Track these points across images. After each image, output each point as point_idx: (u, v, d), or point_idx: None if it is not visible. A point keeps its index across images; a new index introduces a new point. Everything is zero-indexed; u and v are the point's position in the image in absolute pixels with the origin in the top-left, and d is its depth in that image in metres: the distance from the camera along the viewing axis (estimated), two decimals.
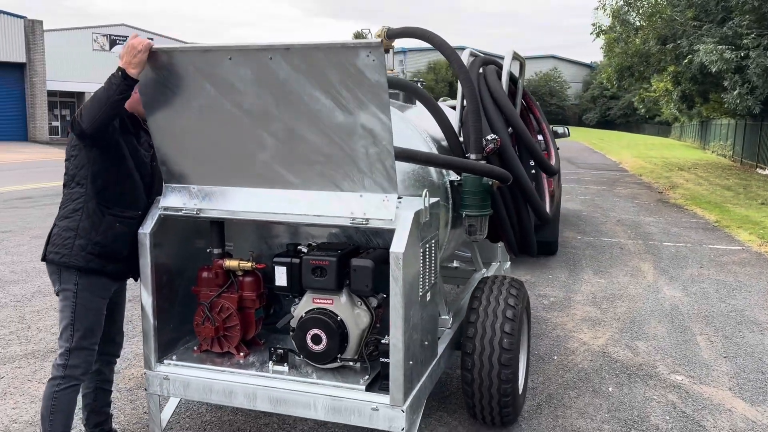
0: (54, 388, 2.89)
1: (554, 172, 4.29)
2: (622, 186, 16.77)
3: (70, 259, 2.87)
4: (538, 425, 3.74)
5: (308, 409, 2.86)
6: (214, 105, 2.71)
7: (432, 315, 3.13)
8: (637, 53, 16.06)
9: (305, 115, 2.62)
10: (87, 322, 2.91)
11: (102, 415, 3.29)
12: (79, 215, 2.89)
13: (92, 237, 2.88)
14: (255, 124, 2.71)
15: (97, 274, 2.91)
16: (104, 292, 2.98)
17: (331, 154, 2.69)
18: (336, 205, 2.77)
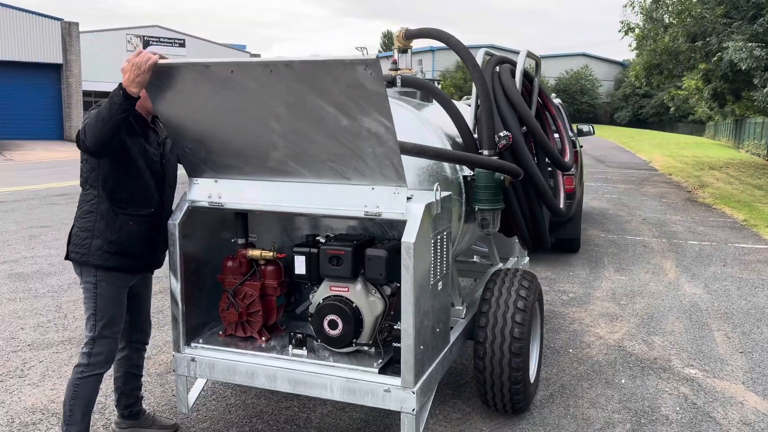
0: (77, 375, 3.04)
1: (568, 168, 4.39)
2: (651, 185, 16.65)
3: (88, 258, 3.01)
4: (549, 414, 3.86)
5: (325, 390, 3.02)
6: (224, 109, 2.86)
7: (444, 304, 3.27)
8: (666, 51, 15.93)
9: (311, 120, 2.76)
10: (108, 313, 3.05)
11: (132, 397, 3.46)
12: (93, 216, 3.02)
13: (107, 236, 3.01)
14: (265, 127, 2.86)
15: (115, 270, 3.05)
16: (123, 282, 3.12)
17: (340, 153, 2.84)
18: (350, 198, 2.92)
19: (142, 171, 3.06)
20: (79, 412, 3.04)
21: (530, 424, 3.71)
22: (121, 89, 2.73)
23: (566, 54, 73.14)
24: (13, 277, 6.73)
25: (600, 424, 3.74)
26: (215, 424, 3.66)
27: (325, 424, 3.67)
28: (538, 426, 3.70)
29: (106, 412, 3.76)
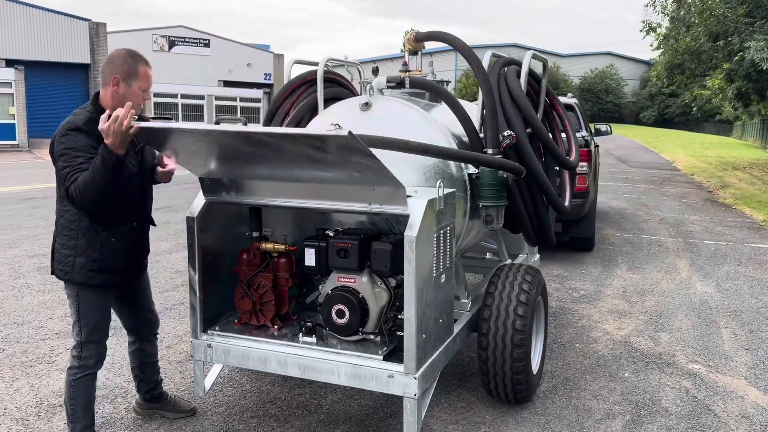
0: (72, 377, 3.17)
1: (573, 167, 4.50)
2: (672, 185, 16.58)
3: (72, 276, 3.07)
4: (552, 404, 3.99)
5: (332, 375, 3.20)
6: (231, 155, 3.08)
7: (447, 296, 3.42)
8: (687, 50, 15.84)
9: (301, 161, 2.97)
10: (92, 320, 3.15)
11: (151, 383, 3.65)
12: (74, 233, 3.05)
13: (90, 254, 3.05)
14: (261, 160, 3.06)
15: (99, 287, 3.12)
16: (106, 293, 3.20)
17: (335, 178, 3.03)
18: (356, 195, 3.09)
19: (122, 190, 3.07)
20: (81, 410, 3.19)
21: (532, 413, 3.85)
22: (107, 148, 2.81)
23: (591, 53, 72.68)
24: (42, 270, 7.01)
25: (600, 415, 3.86)
26: (231, 409, 3.85)
27: (335, 410, 3.84)
28: (540, 415, 3.83)
29: (128, 396, 3.97)
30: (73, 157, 2.90)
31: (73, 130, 2.95)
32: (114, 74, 3.03)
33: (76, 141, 2.93)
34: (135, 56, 3.08)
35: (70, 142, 2.92)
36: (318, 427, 3.64)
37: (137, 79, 3.06)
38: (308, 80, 4.51)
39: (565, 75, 62.94)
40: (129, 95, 3.03)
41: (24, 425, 3.62)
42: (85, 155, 2.91)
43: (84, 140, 2.94)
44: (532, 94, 4.57)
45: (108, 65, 3.07)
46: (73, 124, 2.97)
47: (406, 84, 3.96)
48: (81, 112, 3.05)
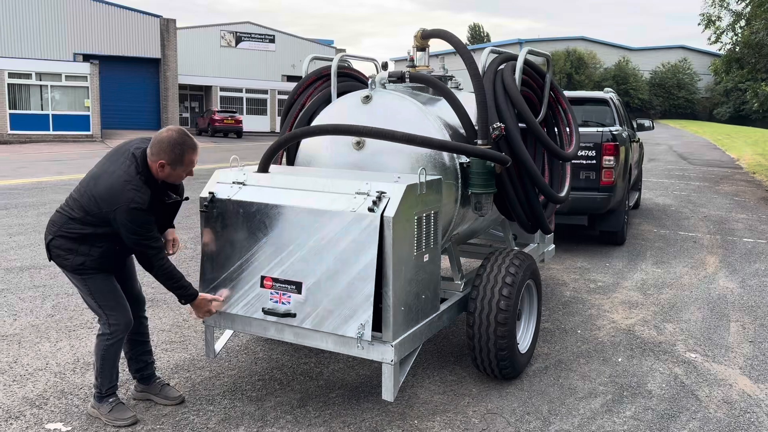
0: (104, 342, 3.48)
1: (567, 159, 4.68)
2: (728, 183, 16.16)
3: (71, 269, 3.40)
4: (539, 382, 4.22)
5: (321, 342, 3.53)
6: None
7: (431, 274, 3.71)
8: (746, 44, 15.38)
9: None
10: (105, 292, 3.45)
11: (140, 362, 3.79)
12: (78, 242, 3.35)
13: (89, 255, 3.36)
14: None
15: (94, 273, 3.43)
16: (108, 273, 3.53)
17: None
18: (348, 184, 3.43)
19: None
20: (108, 368, 3.54)
21: (517, 389, 4.09)
22: (187, 302, 3.54)
23: (663, 47, 70.31)
24: None
25: (583, 394, 4.07)
26: (241, 372, 4.26)
27: (334, 378, 4.19)
28: (525, 391, 4.07)
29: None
30: (147, 237, 3.32)
31: (137, 210, 3.22)
32: (161, 159, 3.30)
33: (142, 220, 3.26)
34: (183, 144, 3.33)
35: (137, 221, 3.25)
36: (316, 391, 4.00)
37: (182, 165, 3.36)
38: (324, 74, 4.86)
39: (635, 69, 61.25)
40: (173, 176, 3.37)
41: (61, 378, 4.13)
42: (154, 229, 3.36)
43: (147, 218, 3.29)
44: (535, 89, 4.78)
45: (157, 145, 3.30)
46: (138, 204, 3.22)
47: (406, 78, 4.25)
48: (136, 181, 3.26)
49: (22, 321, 5.15)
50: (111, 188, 3.26)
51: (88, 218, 3.33)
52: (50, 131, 28.51)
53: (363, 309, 3.32)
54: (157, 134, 3.35)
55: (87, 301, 3.54)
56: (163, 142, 3.29)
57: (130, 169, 3.30)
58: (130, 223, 3.24)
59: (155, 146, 3.30)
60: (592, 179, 7.43)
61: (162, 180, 3.40)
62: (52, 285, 6.15)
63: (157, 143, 3.30)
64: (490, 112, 4.03)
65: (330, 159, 4.20)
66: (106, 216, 3.27)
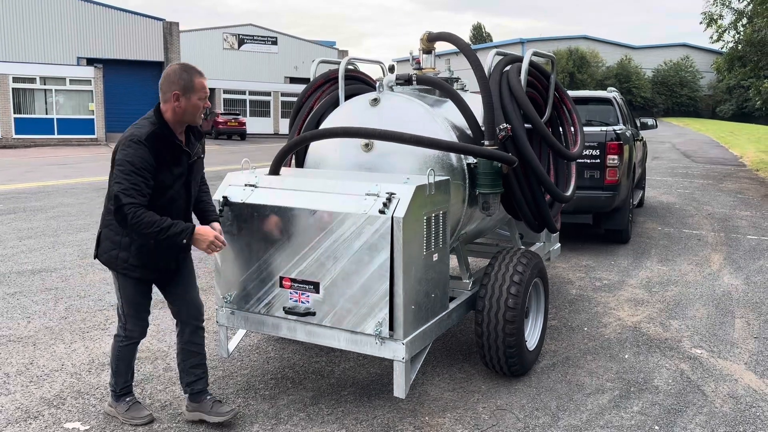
0: (118, 343, 3.52)
1: (571, 158, 4.74)
2: (732, 180, 16.19)
3: (114, 267, 3.36)
4: (547, 379, 4.28)
5: (333, 341, 3.61)
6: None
7: (441, 273, 3.78)
8: (749, 42, 15.41)
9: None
10: (133, 302, 3.43)
11: (191, 375, 3.60)
12: (118, 230, 3.27)
13: (131, 251, 3.29)
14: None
15: (137, 279, 3.37)
16: (146, 282, 3.45)
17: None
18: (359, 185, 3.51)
19: (170, 200, 3.29)
20: (123, 368, 3.57)
21: (525, 385, 4.15)
22: (188, 240, 3.21)
23: (665, 45, 70.25)
24: None
25: (590, 390, 4.13)
26: (254, 371, 4.33)
27: (345, 376, 4.26)
28: (533, 387, 4.14)
29: (167, 359, 4.51)
30: (130, 173, 3.06)
31: (136, 143, 3.10)
32: (173, 90, 3.18)
33: (137, 155, 3.08)
34: (188, 69, 3.23)
35: (130, 156, 3.07)
36: (328, 389, 4.07)
37: (194, 91, 3.22)
38: (332, 78, 4.93)
39: (638, 67, 61.24)
40: (190, 107, 3.22)
41: (77, 378, 4.21)
42: (144, 175, 3.09)
43: (144, 156, 3.09)
44: (540, 90, 4.85)
45: (165, 82, 3.21)
46: (136, 136, 3.11)
47: (413, 81, 4.32)
48: (145, 124, 3.20)
49: (35, 323, 5.23)
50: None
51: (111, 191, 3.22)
52: (55, 135, 28.65)
53: (379, 307, 3.40)
54: (161, 77, 3.26)
55: (116, 296, 3.52)
56: (170, 75, 3.22)
57: (140, 122, 3.24)
58: (123, 156, 3.09)
59: (164, 84, 3.22)
60: (596, 178, 7.49)
61: (180, 122, 3.26)
62: (64, 288, 6.23)
63: (164, 81, 3.22)
64: (496, 113, 4.10)
65: (339, 161, 4.27)
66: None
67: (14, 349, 4.67)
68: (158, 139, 3.17)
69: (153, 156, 3.13)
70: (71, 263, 7.20)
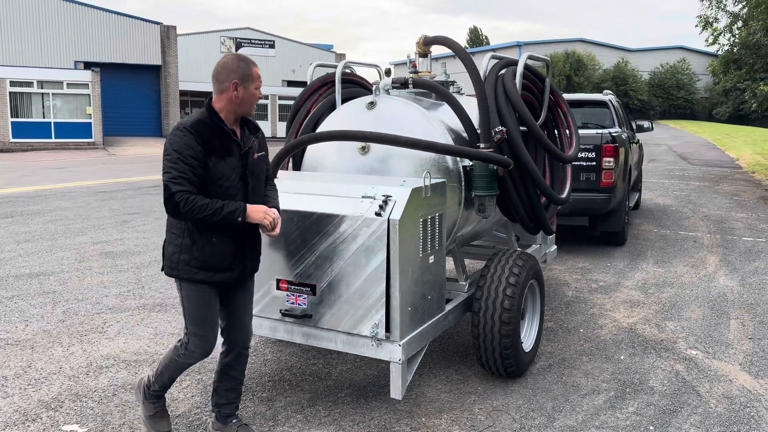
0: (175, 355, 3.28)
1: (566, 161, 4.77)
2: (728, 182, 16.25)
3: (178, 273, 3.12)
4: (543, 380, 4.30)
5: (330, 342, 3.63)
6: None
7: (437, 275, 3.81)
8: (744, 45, 15.48)
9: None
10: (197, 313, 3.16)
11: (222, 397, 3.46)
12: (181, 231, 3.09)
13: (193, 253, 3.07)
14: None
15: (202, 283, 3.13)
16: (210, 287, 3.17)
17: None
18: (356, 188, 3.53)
19: (227, 194, 3.07)
20: (167, 374, 3.36)
21: (521, 387, 4.18)
22: (243, 217, 3.02)
23: (661, 47, 70.46)
24: (104, 255, 7.75)
25: (586, 391, 4.16)
26: (251, 374, 4.34)
27: (343, 378, 4.28)
28: (529, 388, 4.16)
29: None
30: (177, 161, 2.91)
31: (181, 131, 2.95)
32: (232, 79, 3.03)
33: (183, 143, 2.93)
34: (246, 59, 3.11)
35: (176, 144, 2.93)
36: (325, 391, 4.09)
37: (252, 80, 3.08)
38: (329, 81, 4.96)
39: (634, 70, 61.42)
40: (247, 96, 3.09)
41: (75, 381, 4.22)
42: (191, 163, 2.93)
43: (190, 143, 2.94)
44: (536, 93, 4.88)
45: (223, 71, 3.05)
46: (182, 124, 2.99)
47: (409, 84, 4.35)
48: (194, 114, 3.09)
49: (33, 326, 5.24)
50: None
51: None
52: (52, 139, 28.61)
53: (376, 309, 3.43)
54: (215, 69, 3.09)
55: (182, 308, 3.28)
56: (228, 64, 3.06)
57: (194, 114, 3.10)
58: (169, 145, 2.95)
59: (221, 74, 3.05)
60: (592, 180, 7.52)
61: (236, 112, 3.11)
62: (62, 291, 6.25)
63: (222, 71, 3.05)
64: (492, 116, 4.13)
65: (336, 164, 4.30)
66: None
67: (12, 353, 4.69)
68: (205, 126, 3.02)
69: (200, 144, 2.96)
70: (69, 267, 7.21)
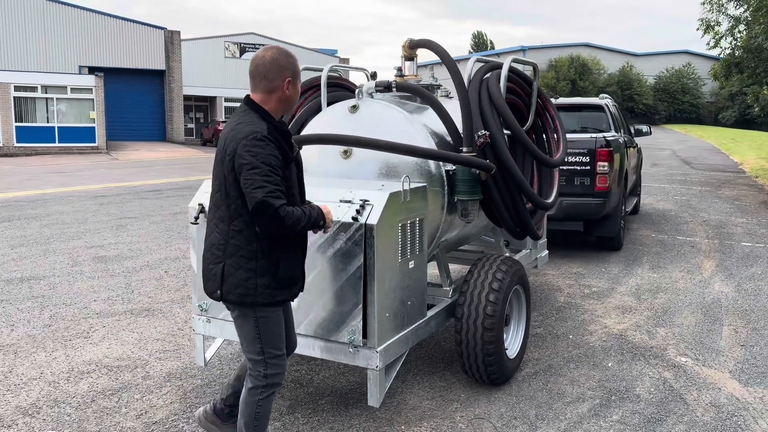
0: (258, 396, 2.94)
1: (552, 165, 4.71)
2: (730, 187, 16.14)
3: (254, 298, 2.80)
4: (528, 387, 4.24)
5: (309, 349, 3.58)
6: None
7: (417, 281, 3.76)
8: (746, 48, 15.39)
9: None
10: (273, 334, 2.91)
11: (237, 399, 3.24)
12: (253, 254, 2.77)
13: (273, 273, 2.80)
14: None
15: (281, 303, 2.91)
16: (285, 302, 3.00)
17: None
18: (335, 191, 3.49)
19: (292, 198, 2.84)
20: (262, 425, 3.01)
21: (505, 394, 4.12)
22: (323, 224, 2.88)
23: (667, 51, 70.30)
24: (97, 260, 7.73)
25: (570, 398, 4.10)
26: None
27: (324, 385, 4.23)
28: (513, 396, 4.10)
29: (146, 367, 4.49)
30: (269, 173, 2.63)
31: (261, 140, 2.66)
32: (285, 77, 2.80)
33: (268, 154, 2.66)
34: (290, 53, 2.86)
35: (262, 156, 2.63)
36: (305, 398, 4.04)
37: (300, 77, 2.90)
38: (315, 85, 4.93)
39: (639, 74, 61.26)
40: (294, 94, 2.87)
41: (55, 387, 4.19)
42: (280, 174, 2.69)
43: (274, 153, 2.68)
44: (523, 97, 4.84)
45: (274, 67, 2.78)
46: (259, 133, 2.67)
47: (393, 88, 4.31)
48: (253, 120, 2.75)
49: (19, 331, 5.22)
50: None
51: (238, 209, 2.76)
52: (56, 143, 28.75)
53: (353, 315, 3.38)
54: (258, 65, 2.81)
55: (246, 344, 2.95)
56: (277, 60, 2.79)
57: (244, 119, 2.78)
58: (254, 158, 2.62)
59: (271, 71, 2.78)
60: (586, 185, 7.46)
61: (281, 111, 2.89)
62: (51, 296, 6.22)
63: (272, 67, 2.78)
64: (474, 120, 4.08)
65: (319, 168, 4.26)
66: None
67: None
68: (275, 131, 2.76)
69: (279, 152, 2.72)
70: (60, 271, 7.19)
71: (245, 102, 2.85)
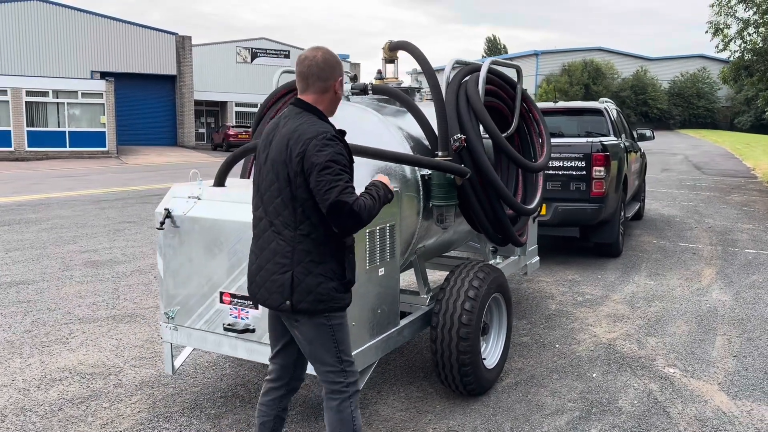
0: (349, 409, 2.82)
1: (532, 170, 4.58)
2: (739, 193, 15.87)
3: (329, 305, 2.71)
4: (507, 398, 4.12)
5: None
6: None
7: (388, 288, 3.65)
8: (755, 51, 15.14)
9: None
10: (346, 339, 2.84)
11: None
12: (325, 257, 2.69)
13: (341, 276, 2.74)
14: None
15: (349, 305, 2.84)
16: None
17: None
18: None
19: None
20: None
21: (482, 405, 4.00)
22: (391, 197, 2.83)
23: (681, 56, 69.69)
24: (88, 264, 7.70)
25: (550, 410, 3.97)
26: (205, 389, 4.22)
27: (296, 395, 4.13)
28: (490, 407, 3.98)
29: (120, 374, 4.42)
30: (341, 172, 2.57)
31: (331, 140, 2.59)
32: (338, 77, 2.75)
33: (338, 153, 2.59)
34: (335, 55, 2.80)
35: (333, 155, 2.56)
36: None
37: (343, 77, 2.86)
38: (293, 88, 4.84)
39: (654, 79, 60.74)
40: (341, 95, 2.84)
41: (24, 394, 4.13)
42: (348, 171, 2.63)
43: (344, 152, 2.63)
44: (506, 100, 4.73)
45: (328, 68, 2.71)
46: (329, 133, 2.62)
47: (369, 91, 4.22)
48: (314, 120, 2.68)
49: None
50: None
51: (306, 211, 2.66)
52: (67, 148, 28.97)
53: None
54: (311, 65, 2.70)
55: (321, 356, 2.80)
56: (330, 60, 2.72)
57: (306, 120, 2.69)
58: (326, 157, 2.55)
59: (324, 71, 2.70)
60: (582, 190, 7.32)
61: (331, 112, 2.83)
62: (36, 301, 6.19)
63: (325, 67, 2.70)
64: (451, 124, 3.98)
65: None
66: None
67: None
68: (340, 133, 2.71)
69: (347, 150, 2.69)
70: (51, 275, 7.16)
71: (297, 104, 2.76)
